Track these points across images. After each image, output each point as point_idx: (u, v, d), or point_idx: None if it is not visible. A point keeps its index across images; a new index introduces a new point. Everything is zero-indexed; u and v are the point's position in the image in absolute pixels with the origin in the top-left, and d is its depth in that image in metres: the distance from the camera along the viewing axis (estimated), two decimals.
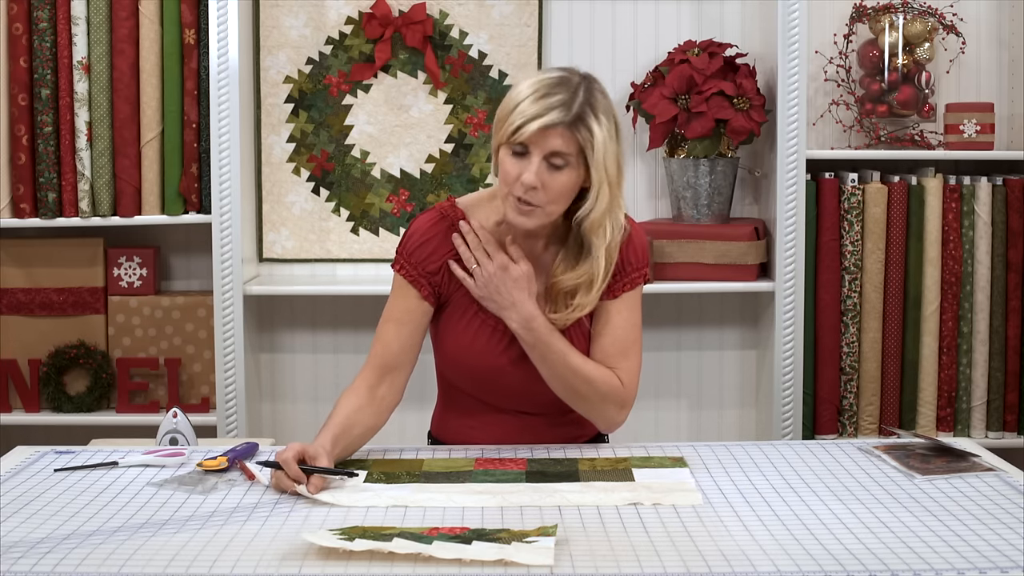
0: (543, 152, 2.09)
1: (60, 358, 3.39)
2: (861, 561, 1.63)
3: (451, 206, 2.26)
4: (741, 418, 3.61)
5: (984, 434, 3.42)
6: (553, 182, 2.11)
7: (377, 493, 1.96)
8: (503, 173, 2.13)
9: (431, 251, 2.23)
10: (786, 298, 3.32)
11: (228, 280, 3.29)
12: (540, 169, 2.09)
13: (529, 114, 2.08)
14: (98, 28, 3.30)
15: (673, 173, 3.40)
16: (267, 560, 1.65)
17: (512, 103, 2.12)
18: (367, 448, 2.24)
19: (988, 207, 3.37)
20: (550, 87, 2.11)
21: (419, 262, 2.23)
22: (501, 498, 1.92)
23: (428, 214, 2.27)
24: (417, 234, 2.25)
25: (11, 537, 1.75)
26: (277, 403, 3.58)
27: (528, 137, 2.08)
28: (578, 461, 2.14)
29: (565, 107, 2.09)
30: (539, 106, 2.08)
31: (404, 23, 3.44)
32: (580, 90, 2.11)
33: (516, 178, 2.11)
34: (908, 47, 3.41)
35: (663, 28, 3.51)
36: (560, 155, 2.10)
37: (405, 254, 2.25)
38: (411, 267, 2.24)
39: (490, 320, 2.23)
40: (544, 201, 2.12)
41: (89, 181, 3.32)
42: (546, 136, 2.08)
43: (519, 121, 2.09)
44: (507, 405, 2.30)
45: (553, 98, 2.09)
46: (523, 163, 2.10)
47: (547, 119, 2.08)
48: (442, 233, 2.23)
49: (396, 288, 2.27)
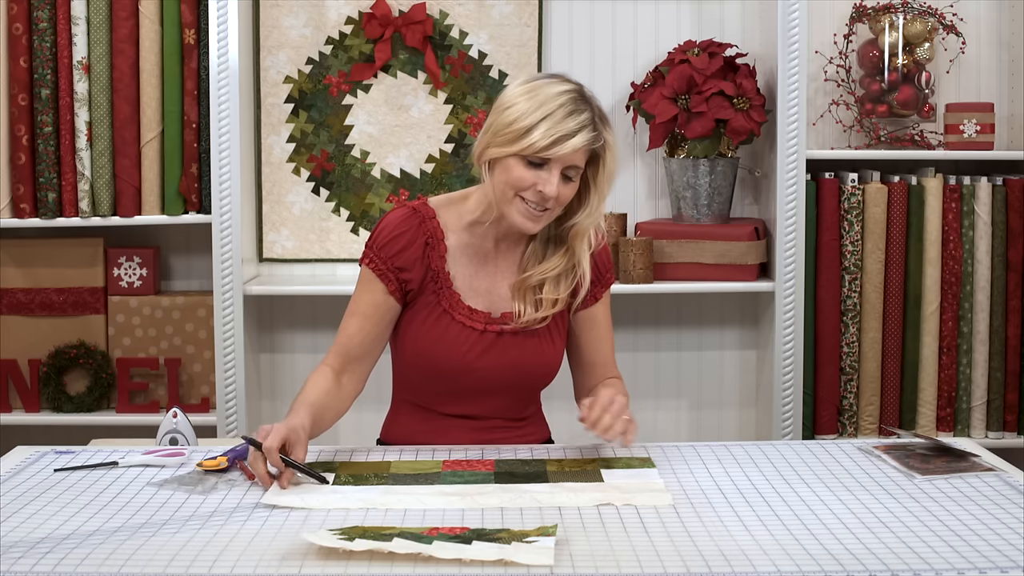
0: (563, 165, 2.15)
1: (60, 358, 3.39)
2: (861, 561, 1.63)
3: (423, 204, 2.30)
4: (741, 418, 3.61)
5: (984, 434, 3.42)
6: (564, 191, 2.18)
7: (346, 495, 1.95)
8: (514, 179, 2.16)
9: (401, 247, 2.26)
10: (786, 298, 3.32)
11: (228, 280, 3.29)
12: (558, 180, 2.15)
13: (559, 132, 2.12)
14: (98, 28, 3.30)
15: (673, 173, 3.40)
16: (267, 560, 1.65)
17: (529, 119, 2.13)
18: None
19: (988, 207, 3.37)
20: (575, 103, 2.15)
21: (388, 257, 2.26)
22: (471, 500, 1.92)
23: (399, 211, 2.30)
24: (387, 229, 2.27)
25: (11, 537, 1.75)
26: (277, 403, 3.58)
27: (557, 155, 2.13)
28: (546, 462, 2.14)
29: (592, 127, 2.15)
30: (569, 125, 2.12)
31: (404, 23, 3.44)
32: (592, 104, 2.18)
33: (531, 186, 2.15)
34: (908, 47, 3.41)
35: (663, 28, 3.51)
36: (576, 168, 2.17)
37: (375, 248, 2.27)
38: (380, 261, 2.26)
39: (457, 318, 2.26)
40: (554, 208, 2.19)
41: (89, 181, 3.32)
42: (573, 154, 2.14)
43: (548, 140, 2.11)
44: (463, 409, 2.31)
45: (582, 116, 2.14)
46: (539, 173, 2.15)
47: (580, 139, 2.13)
48: (412, 230, 2.26)
49: (363, 282, 2.29)
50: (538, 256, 2.28)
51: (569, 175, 2.16)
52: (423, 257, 2.26)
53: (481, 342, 2.26)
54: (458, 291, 2.27)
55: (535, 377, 2.31)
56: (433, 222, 2.28)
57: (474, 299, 2.27)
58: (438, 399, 2.32)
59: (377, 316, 2.27)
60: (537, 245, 2.29)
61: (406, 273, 2.26)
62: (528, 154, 2.13)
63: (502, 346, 2.27)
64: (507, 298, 2.29)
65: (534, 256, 2.28)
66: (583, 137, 2.13)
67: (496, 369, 2.26)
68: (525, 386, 2.33)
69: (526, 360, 2.28)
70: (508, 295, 2.29)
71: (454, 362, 2.25)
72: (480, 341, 2.26)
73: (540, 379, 2.33)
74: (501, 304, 2.29)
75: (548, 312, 2.27)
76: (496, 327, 2.27)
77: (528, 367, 2.28)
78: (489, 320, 2.27)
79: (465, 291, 2.27)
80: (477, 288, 2.28)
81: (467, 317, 2.26)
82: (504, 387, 2.29)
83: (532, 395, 2.39)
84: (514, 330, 2.27)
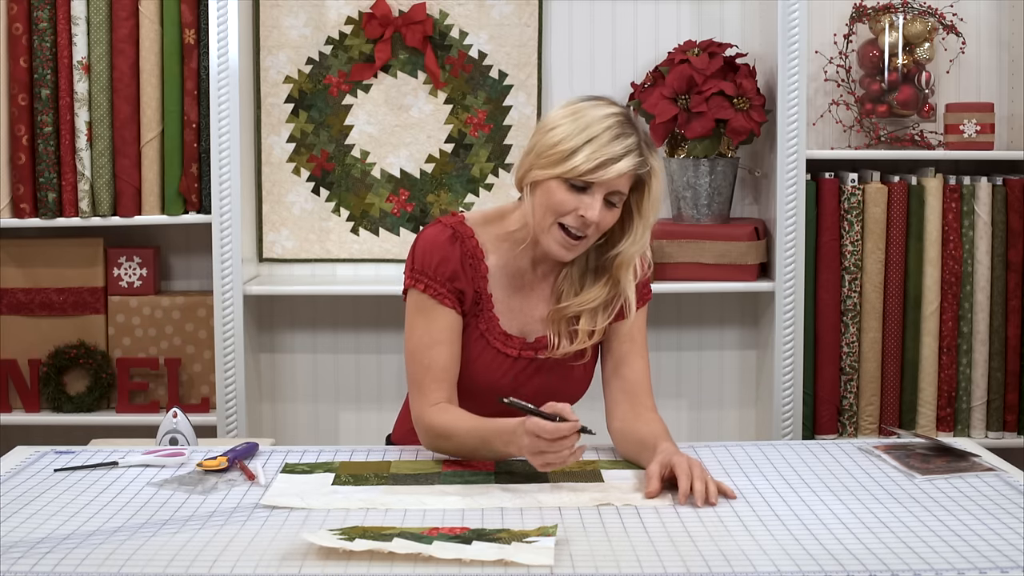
0: (606, 190, 2.10)
1: (60, 358, 3.39)
2: (861, 561, 1.64)
3: (460, 223, 2.23)
4: (741, 418, 3.61)
5: (984, 434, 3.42)
6: (606, 218, 2.12)
7: (346, 496, 1.95)
8: (555, 203, 2.10)
9: (451, 268, 2.18)
10: (786, 298, 3.32)
11: (228, 280, 3.29)
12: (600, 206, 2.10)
13: (605, 156, 2.07)
14: (98, 28, 3.30)
15: (673, 173, 3.40)
16: (267, 560, 1.65)
17: (575, 138, 2.08)
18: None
19: (988, 207, 3.37)
20: (621, 126, 2.10)
21: (444, 279, 2.18)
22: (471, 500, 1.92)
23: (436, 228, 2.22)
24: (436, 250, 2.19)
25: (11, 537, 1.75)
26: (277, 403, 3.58)
27: (602, 179, 2.07)
28: None
29: (639, 151, 2.10)
30: (616, 149, 2.08)
31: (404, 23, 3.44)
32: (638, 128, 2.12)
33: (572, 211, 2.10)
34: (908, 47, 3.41)
35: (663, 28, 3.51)
36: (619, 194, 2.12)
37: (428, 272, 2.19)
38: (437, 284, 2.18)
39: (493, 343, 2.21)
40: (593, 235, 2.14)
41: (89, 181, 3.32)
42: (618, 178, 2.09)
43: (593, 164, 2.06)
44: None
45: (628, 140, 2.09)
46: (582, 198, 2.09)
47: (627, 164, 2.08)
48: (457, 250, 2.19)
49: (424, 310, 2.19)
50: (575, 285, 2.21)
51: (612, 200, 2.11)
52: (469, 277, 2.19)
53: (514, 368, 2.22)
54: (497, 314, 2.22)
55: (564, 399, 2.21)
56: (472, 241, 2.21)
57: (510, 323, 2.22)
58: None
59: (456, 337, 2.19)
60: (574, 273, 2.22)
61: (460, 290, 2.19)
62: (571, 177, 2.08)
63: (533, 371, 2.23)
64: (541, 322, 2.24)
65: (568, 282, 2.22)
66: (629, 162, 2.08)
67: (526, 395, 2.17)
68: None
69: (557, 385, 2.24)
70: (542, 319, 2.24)
71: (485, 387, 2.20)
72: (513, 367, 2.22)
73: (570, 400, 2.26)
74: (535, 328, 2.24)
75: (583, 345, 2.22)
76: (530, 353, 2.22)
77: (559, 391, 2.21)
78: (524, 346, 2.23)
79: (503, 314, 2.22)
80: (513, 310, 2.23)
81: (502, 343, 2.21)
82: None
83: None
84: (547, 358, 2.23)
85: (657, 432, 2.13)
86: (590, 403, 2.33)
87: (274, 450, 2.26)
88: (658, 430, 2.14)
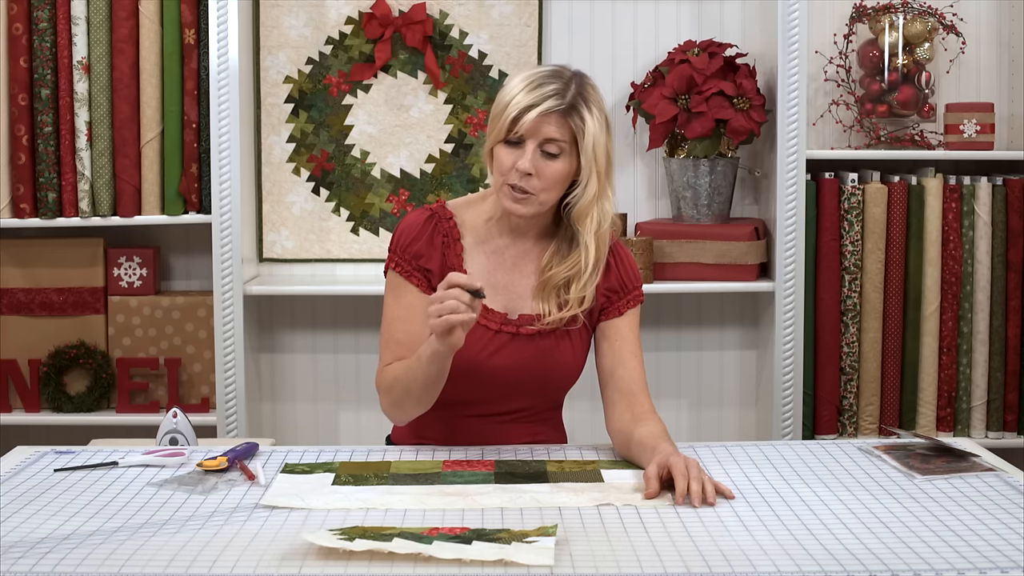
0: (538, 140, 2.15)
1: (60, 358, 3.39)
2: (861, 561, 1.63)
3: (440, 206, 2.31)
4: (741, 418, 3.61)
5: (984, 434, 3.42)
6: (547, 169, 2.16)
7: (346, 496, 1.95)
8: (498, 164, 2.19)
9: (421, 246, 2.26)
10: (786, 298, 3.32)
11: (228, 280, 3.29)
12: (535, 157, 2.15)
13: (524, 103, 2.14)
14: (98, 28, 3.30)
15: (673, 173, 3.40)
16: (267, 560, 1.65)
17: (507, 98, 2.17)
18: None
19: (988, 207, 3.37)
20: (543, 78, 2.17)
21: (411, 257, 2.26)
22: (471, 500, 1.92)
23: (417, 213, 2.31)
24: (406, 231, 2.28)
25: (11, 537, 1.75)
26: (277, 403, 3.58)
27: (525, 127, 2.14)
28: (546, 463, 2.14)
29: (559, 95, 2.15)
30: (534, 95, 2.15)
31: (404, 23, 3.44)
32: (572, 83, 2.19)
33: (511, 167, 2.16)
34: (908, 47, 3.41)
35: (663, 28, 3.51)
36: (554, 142, 2.16)
37: (399, 251, 2.27)
38: (404, 262, 2.26)
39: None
40: (538, 188, 2.17)
41: (89, 181, 3.32)
42: (541, 124, 2.14)
43: (515, 112, 2.14)
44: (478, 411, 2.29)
45: (548, 87, 2.16)
46: (518, 152, 2.16)
47: (543, 106, 2.14)
48: (430, 230, 2.27)
49: (393, 288, 2.29)
50: (562, 256, 2.25)
51: (550, 151, 2.16)
52: (442, 255, 2.26)
53: (495, 341, 2.23)
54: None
55: (550, 379, 2.27)
56: (450, 222, 2.28)
57: (491, 298, 2.24)
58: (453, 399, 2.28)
59: (418, 315, 2.22)
60: (562, 245, 2.26)
61: (427, 268, 2.25)
62: (505, 136, 2.16)
63: (516, 347, 2.24)
64: (527, 299, 2.26)
65: (554, 255, 2.25)
66: (546, 105, 2.13)
67: (509, 370, 2.22)
68: (540, 389, 2.29)
69: (540, 361, 2.24)
70: (528, 296, 2.26)
71: (465, 360, 2.20)
72: (494, 340, 2.23)
73: (555, 381, 2.29)
74: (520, 305, 2.26)
75: (575, 311, 2.23)
76: (511, 328, 2.24)
77: (542, 368, 2.24)
78: (504, 321, 2.25)
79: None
80: (495, 286, 2.25)
81: (481, 316, 2.22)
82: (519, 390, 2.26)
83: (549, 400, 2.35)
84: (530, 332, 2.24)
85: (655, 433, 2.13)
86: (590, 404, 2.33)
87: (274, 450, 2.26)
88: (656, 430, 2.14)
